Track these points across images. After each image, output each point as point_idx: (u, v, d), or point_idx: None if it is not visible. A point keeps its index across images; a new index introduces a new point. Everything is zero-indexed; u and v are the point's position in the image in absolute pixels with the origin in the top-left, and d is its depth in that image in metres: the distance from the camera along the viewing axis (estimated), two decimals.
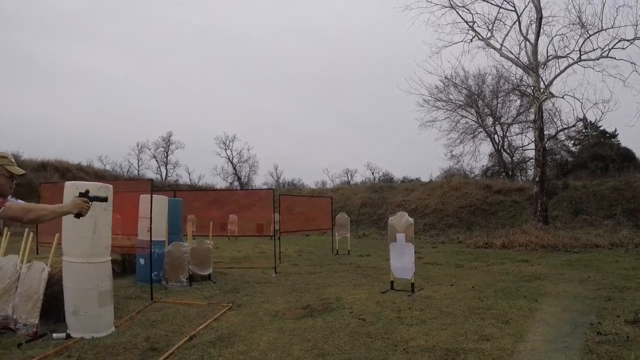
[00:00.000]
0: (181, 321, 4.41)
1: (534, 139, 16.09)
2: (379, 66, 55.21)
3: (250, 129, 56.73)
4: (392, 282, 6.02)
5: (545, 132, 15.68)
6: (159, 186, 25.23)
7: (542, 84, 14.70)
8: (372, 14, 57.42)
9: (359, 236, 16.77)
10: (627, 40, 13.05)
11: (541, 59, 14.96)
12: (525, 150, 24.10)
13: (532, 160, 20.28)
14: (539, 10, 14.46)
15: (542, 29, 14.66)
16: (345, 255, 10.83)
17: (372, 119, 55.00)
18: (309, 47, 59.27)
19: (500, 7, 15.03)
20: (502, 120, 22.56)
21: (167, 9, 56.15)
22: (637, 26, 12.77)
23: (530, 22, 15.03)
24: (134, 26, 53.94)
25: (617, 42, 13.16)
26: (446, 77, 19.13)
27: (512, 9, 14.92)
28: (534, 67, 14.72)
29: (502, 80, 19.83)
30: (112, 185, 4.15)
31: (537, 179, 14.68)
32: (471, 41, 15.76)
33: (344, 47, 59.04)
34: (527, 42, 15.06)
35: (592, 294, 5.46)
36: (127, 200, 6.21)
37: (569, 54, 14.31)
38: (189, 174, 36.86)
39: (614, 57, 13.36)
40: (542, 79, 14.82)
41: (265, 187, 34.69)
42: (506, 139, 24.23)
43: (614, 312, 4.46)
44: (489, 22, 15.31)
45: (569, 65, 14.37)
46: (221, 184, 36.55)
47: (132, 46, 54.49)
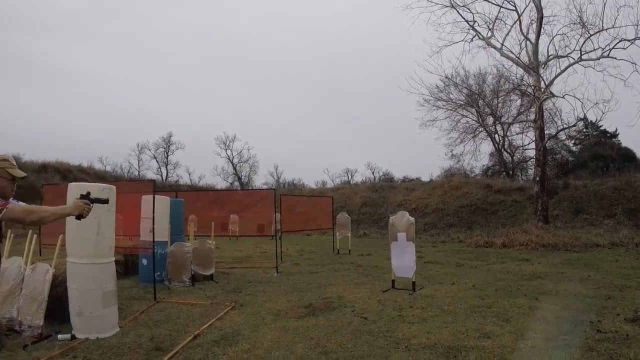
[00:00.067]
0: (185, 321, 4.45)
1: (534, 139, 16.12)
2: (379, 66, 55.27)
3: (250, 129, 56.86)
4: (393, 281, 6.06)
5: (545, 132, 15.69)
6: (159, 187, 25.27)
7: (542, 84, 14.72)
8: (372, 14, 57.48)
9: (359, 236, 16.81)
10: (628, 40, 13.07)
11: (542, 58, 14.98)
12: (525, 149, 24.15)
13: (532, 159, 20.31)
14: (539, 9, 14.47)
15: (542, 29, 14.69)
16: (346, 254, 10.87)
17: (372, 119, 55.10)
18: (309, 47, 59.37)
19: (500, 7, 15.06)
20: (503, 119, 22.61)
21: (167, 9, 56.25)
22: (638, 26, 12.80)
23: (531, 21, 15.08)
24: (134, 26, 54.00)
25: (618, 42, 13.20)
26: (447, 77, 19.23)
27: (513, 8, 14.95)
28: (534, 67, 14.73)
29: (502, 79, 19.91)
30: (114, 186, 4.19)
31: (537, 179, 14.70)
32: (472, 41, 15.80)
33: (344, 47, 59.17)
34: (528, 42, 15.09)
35: (592, 292, 5.49)
36: (128, 201, 6.24)
37: (570, 53, 14.35)
38: (190, 175, 36.90)
39: (615, 57, 13.41)
40: (542, 79, 14.84)
41: (265, 187, 34.76)
42: (507, 139, 24.26)
43: (613, 311, 4.49)
44: (490, 22, 15.36)
45: (570, 65, 14.40)
46: (221, 184, 36.56)
47: (132, 46, 54.57)
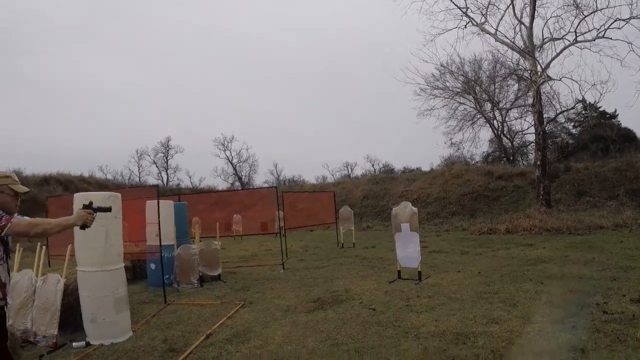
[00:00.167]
0: (196, 321, 4.51)
1: (533, 123, 16.09)
2: (379, 64, 55.16)
3: (249, 128, 56.80)
4: (399, 272, 6.12)
5: (544, 116, 15.66)
6: (161, 191, 25.17)
7: (539, 67, 14.66)
8: (372, 14, 57.38)
9: (362, 228, 16.88)
10: (623, 20, 12.96)
11: (537, 42, 14.90)
12: (525, 134, 24.03)
13: (532, 144, 20.29)
14: None
15: (536, 12, 14.57)
16: (350, 248, 10.94)
17: (372, 119, 54.89)
18: (309, 47, 59.18)
19: None
20: (501, 105, 22.51)
21: (167, 9, 55.98)
22: (632, 5, 12.69)
23: (524, 5, 14.95)
24: (134, 26, 53.78)
25: (613, 22, 13.08)
26: (442, 65, 19.08)
27: None
28: (529, 51, 14.66)
29: (498, 65, 19.73)
30: (119, 194, 4.24)
31: (538, 163, 14.69)
32: (465, 27, 15.68)
33: (344, 47, 58.96)
34: (522, 26, 15.00)
35: (597, 274, 5.53)
36: (131, 207, 6.29)
37: (565, 35, 14.24)
38: (190, 177, 36.93)
39: (610, 38, 13.26)
40: (538, 62, 14.78)
41: (266, 185, 34.77)
42: (505, 124, 24.16)
43: (619, 292, 4.53)
44: (483, 7, 15.21)
45: (565, 47, 14.31)
46: (222, 185, 36.54)
47: (132, 46, 54.33)
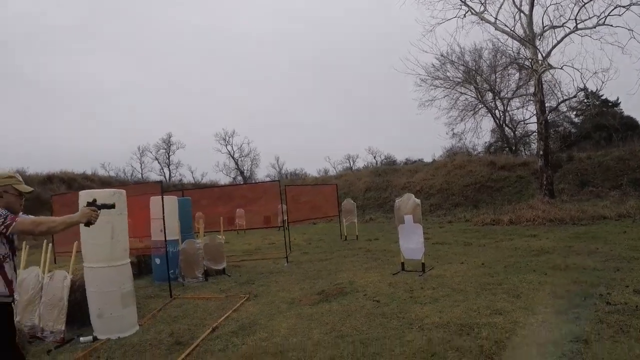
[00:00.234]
0: (202, 315, 4.56)
1: (535, 112, 15.92)
2: (379, 60, 54.89)
3: (249, 122, 56.69)
4: (402, 264, 6.14)
5: (546, 105, 15.54)
6: (164, 187, 25.36)
7: (539, 56, 14.52)
8: (373, 13, 56.83)
9: (365, 221, 16.91)
10: (623, 6, 12.78)
11: (537, 30, 14.73)
12: (527, 124, 23.86)
13: (535, 133, 20.09)
14: None
15: None
16: (354, 240, 10.98)
17: (373, 110, 54.79)
18: (309, 47, 59.04)
19: None
20: (502, 94, 22.32)
21: (167, 9, 55.80)
22: None
23: None
24: (134, 26, 53.60)
25: (614, 9, 12.91)
26: (442, 55, 18.90)
27: None
28: (530, 39, 14.51)
29: (499, 54, 19.52)
30: (124, 190, 4.27)
31: (541, 153, 14.61)
32: (464, 16, 15.51)
33: (344, 47, 58.74)
34: (522, 14, 14.81)
35: (600, 265, 5.53)
36: (135, 203, 6.31)
37: (565, 23, 14.07)
38: (192, 173, 37.03)
39: (611, 25, 13.11)
40: (539, 51, 14.63)
41: (268, 179, 34.83)
42: (507, 114, 24.00)
43: (622, 283, 4.53)
44: None
45: (566, 34, 14.14)
46: (224, 179, 36.68)
47: (132, 46, 54.19)
